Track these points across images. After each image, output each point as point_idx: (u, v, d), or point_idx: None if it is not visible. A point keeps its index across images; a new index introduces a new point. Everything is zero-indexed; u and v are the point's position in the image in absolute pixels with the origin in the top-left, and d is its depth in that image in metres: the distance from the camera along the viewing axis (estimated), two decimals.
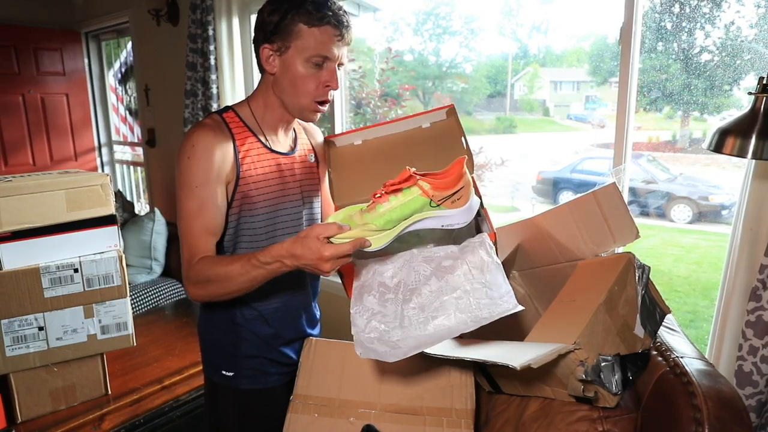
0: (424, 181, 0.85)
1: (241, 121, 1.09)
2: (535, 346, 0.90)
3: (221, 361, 1.20)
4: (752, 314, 1.29)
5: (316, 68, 1.02)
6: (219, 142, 1.02)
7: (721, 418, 0.80)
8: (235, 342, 1.17)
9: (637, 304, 0.96)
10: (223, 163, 1.03)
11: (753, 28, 1.81)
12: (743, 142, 1.07)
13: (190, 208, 1.01)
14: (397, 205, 0.85)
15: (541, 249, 1.24)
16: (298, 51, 1.01)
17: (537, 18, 4.43)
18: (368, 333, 0.91)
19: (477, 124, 5.02)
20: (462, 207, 0.87)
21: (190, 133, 1.03)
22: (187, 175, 1.01)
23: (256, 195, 1.08)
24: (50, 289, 1.45)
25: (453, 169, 0.90)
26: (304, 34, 1.00)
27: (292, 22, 1.00)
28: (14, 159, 3.53)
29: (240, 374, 1.18)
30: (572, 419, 0.94)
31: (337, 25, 1.00)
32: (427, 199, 0.85)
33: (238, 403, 1.21)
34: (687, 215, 3.84)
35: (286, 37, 1.01)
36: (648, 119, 3.56)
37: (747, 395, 1.30)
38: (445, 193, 0.86)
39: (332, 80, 1.04)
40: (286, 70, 1.03)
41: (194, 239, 1.01)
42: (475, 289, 0.91)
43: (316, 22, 0.99)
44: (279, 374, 1.22)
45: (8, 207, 1.37)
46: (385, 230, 0.85)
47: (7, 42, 3.40)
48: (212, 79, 2.58)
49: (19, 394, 1.48)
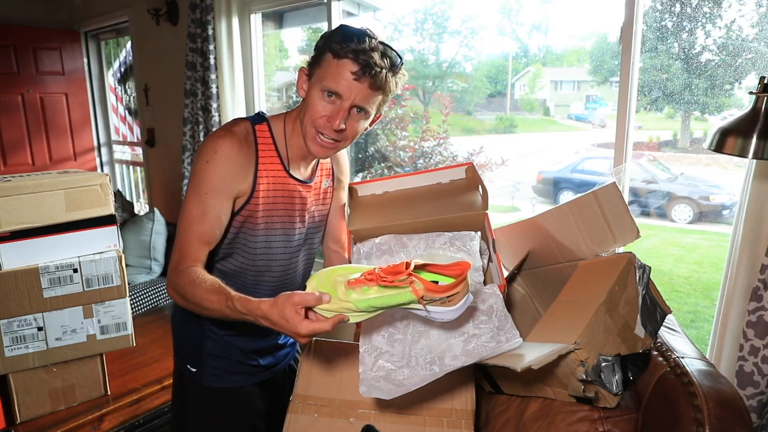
0: (419, 282, 0.80)
1: (272, 136, 1.07)
2: (535, 347, 0.90)
3: (187, 356, 1.21)
4: (753, 314, 1.29)
5: (328, 101, 0.98)
6: (241, 156, 1.01)
7: (722, 419, 0.80)
8: (200, 339, 1.18)
9: (638, 304, 0.96)
10: (239, 177, 1.01)
11: (754, 28, 1.81)
12: (744, 141, 1.07)
13: (193, 212, 1.00)
14: (385, 295, 0.80)
15: (542, 249, 1.24)
16: (318, 79, 0.99)
17: (537, 17, 4.42)
18: (375, 372, 0.93)
19: (477, 124, 5.02)
20: (452, 308, 0.83)
21: (216, 137, 1.01)
22: (200, 178, 1.00)
23: (261, 216, 1.07)
24: (49, 290, 1.44)
25: (455, 270, 0.84)
26: (326, 63, 0.98)
27: (323, 50, 0.98)
28: (13, 159, 3.52)
29: (203, 371, 1.19)
30: (573, 419, 0.93)
31: (358, 63, 0.94)
32: (416, 298, 0.80)
33: (202, 399, 1.21)
34: (688, 215, 3.84)
35: (316, 64, 1.00)
36: (648, 119, 3.55)
37: (748, 396, 1.30)
38: (438, 296, 0.81)
39: (334, 117, 0.98)
40: (307, 95, 1.02)
41: (187, 245, 1.00)
42: (483, 333, 0.96)
43: (338, 53, 0.95)
44: (246, 374, 1.21)
45: (7, 207, 1.37)
46: (366, 312, 0.82)
47: (6, 41, 3.40)
48: (212, 79, 2.58)
49: (18, 395, 1.48)
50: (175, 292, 0.99)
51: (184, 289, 0.96)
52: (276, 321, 0.80)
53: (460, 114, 4.97)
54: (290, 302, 0.78)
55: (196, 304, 0.94)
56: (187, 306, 0.98)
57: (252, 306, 0.83)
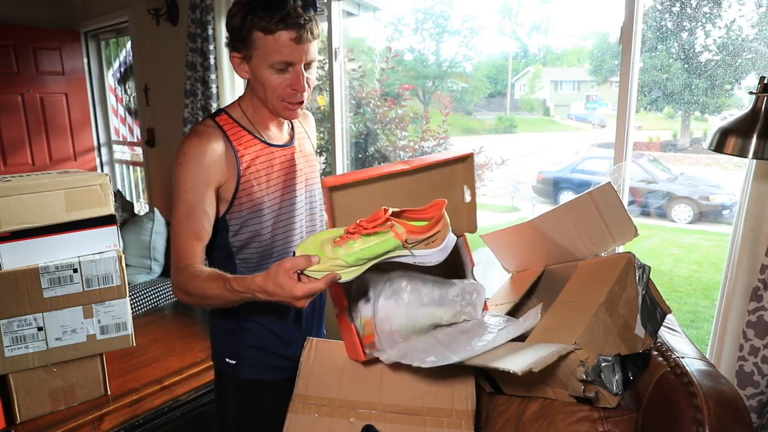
0: (399, 225, 0.83)
1: (235, 121, 1.11)
2: (535, 348, 0.90)
3: (225, 349, 1.23)
4: (753, 314, 1.29)
5: (281, 72, 1.02)
6: (209, 147, 1.05)
7: (722, 419, 0.80)
8: (239, 331, 1.20)
9: (638, 304, 0.96)
10: (213, 167, 1.05)
11: (754, 28, 1.81)
12: (744, 141, 1.07)
13: (179, 212, 1.04)
14: (370, 244, 0.82)
15: (541, 251, 1.24)
16: (260, 59, 1.02)
17: (537, 17, 4.43)
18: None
19: (477, 124, 5.03)
20: (436, 248, 0.87)
21: (183, 141, 1.06)
22: (178, 181, 1.05)
23: (259, 190, 1.10)
24: (49, 290, 1.44)
25: (432, 211, 0.88)
26: (262, 42, 0.99)
27: (249, 31, 1.00)
28: (13, 159, 3.52)
29: (242, 363, 1.21)
30: (573, 419, 0.93)
31: (291, 28, 0.97)
32: (401, 242, 0.83)
33: (239, 391, 1.23)
34: (688, 215, 3.84)
35: (248, 46, 1.02)
36: (649, 119, 3.56)
37: (748, 396, 1.30)
38: (420, 237, 0.85)
39: (297, 83, 1.03)
40: (255, 76, 1.05)
41: (181, 244, 1.04)
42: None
43: (271, 28, 0.97)
44: (281, 368, 1.23)
45: (7, 207, 1.37)
46: (356, 266, 0.84)
47: (6, 41, 3.39)
48: (212, 79, 2.58)
49: (18, 395, 1.48)
50: (179, 290, 1.01)
51: (186, 285, 0.99)
52: (272, 290, 0.81)
53: (460, 114, 4.98)
54: (282, 269, 0.80)
55: (198, 296, 0.96)
56: (193, 301, 1.00)
57: (247, 282, 0.85)
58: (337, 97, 2.52)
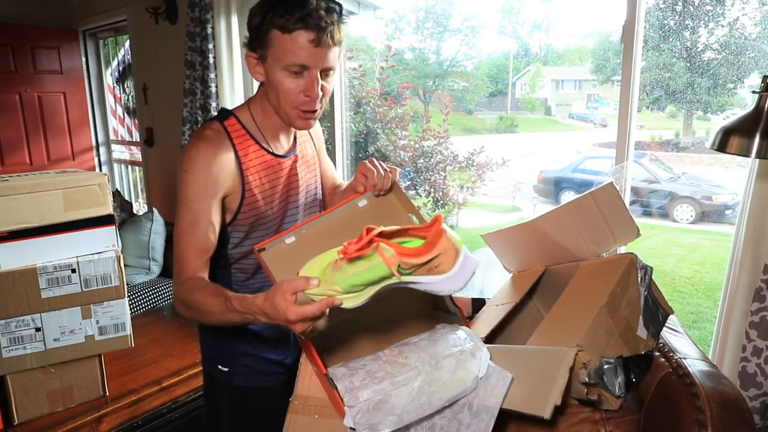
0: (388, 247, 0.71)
1: (243, 127, 1.06)
2: (538, 354, 0.89)
3: (218, 356, 1.21)
4: (756, 315, 1.28)
5: (295, 76, 0.96)
6: (218, 155, 1.00)
7: (725, 420, 0.79)
8: (233, 338, 1.18)
9: (640, 305, 0.95)
10: (221, 176, 1.00)
11: (757, 26, 1.80)
12: (747, 141, 1.06)
13: (183, 222, 1.00)
14: (358, 270, 0.74)
15: (542, 251, 1.23)
16: (274, 60, 0.95)
17: (538, 16, 4.42)
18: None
19: (478, 123, 5.02)
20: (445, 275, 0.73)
21: (190, 146, 1.01)
22: (183, 188, 1.00)
23: (263, 204, 1.07)
24: (47, 290, 1.43)
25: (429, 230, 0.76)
26: (278, 41, 0.93)
27: (267, 29, 0.94)
28: (11, 158, 3.51)
29: (235, 370, 1.19)
30: (574, 420, 0.93)
31: (311, 29, 0.91)
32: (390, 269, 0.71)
33: (232, 399, 1.21)
34: (690, 215, 3.83)
35: (264, 45, 0.96)
36: (651, 118, 3.55)
37: (751, 397, 1.29)
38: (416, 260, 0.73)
39: (310, 89, 0.96)
40: (269, 79, 0.99)
41: (184, 256, 1.00)
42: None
43: (289, 27, 0.91)
44: (275, 374, 1.21)
45: (5, 207, 1.36)
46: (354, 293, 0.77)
47: (3, 40, 3.38)
48: (211, 78, 2.57)
49: (16, 396, 1.47)
50: (180, 303, 0.98)
51: (186, 299, 0.95)
52: (269, 313, 0.78)
53: (460, 113, 4.97)
54: (279, 290, 0.76)
55: (198, 311, 0.93)
56: (192, 316, 0.97)
57: (248, 303, 0.82)
58: (337, 96, 2.51)
